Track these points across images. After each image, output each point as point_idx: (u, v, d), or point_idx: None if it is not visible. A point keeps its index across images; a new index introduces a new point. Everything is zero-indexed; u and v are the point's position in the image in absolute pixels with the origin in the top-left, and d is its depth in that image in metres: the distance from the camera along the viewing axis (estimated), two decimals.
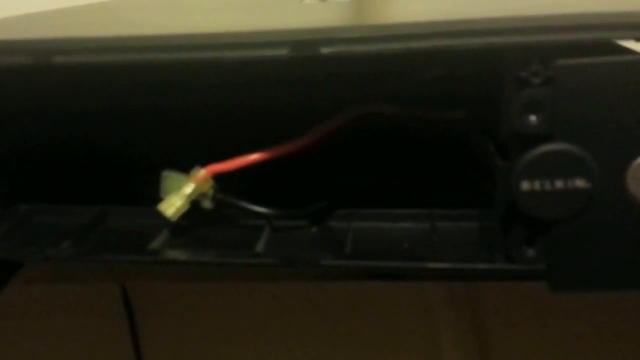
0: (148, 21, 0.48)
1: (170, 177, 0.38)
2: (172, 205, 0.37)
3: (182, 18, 0.48)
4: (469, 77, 0.37)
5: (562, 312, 0.63)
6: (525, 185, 0.30)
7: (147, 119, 0.42)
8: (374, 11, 0.47)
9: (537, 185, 0.30)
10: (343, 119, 0.39)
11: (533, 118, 0.30)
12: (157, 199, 0.38)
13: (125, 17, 0.52)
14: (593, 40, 0.30)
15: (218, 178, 0.38)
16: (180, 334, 0.71)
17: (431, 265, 0.35)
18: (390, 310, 0.65)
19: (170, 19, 0.49)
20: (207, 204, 0.38)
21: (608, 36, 0.30)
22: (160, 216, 0.37)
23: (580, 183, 0.30)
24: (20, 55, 0.32)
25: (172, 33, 0.33)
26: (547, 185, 0.30)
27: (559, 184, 0.30)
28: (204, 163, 0.38)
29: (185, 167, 0.38)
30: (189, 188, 0.37)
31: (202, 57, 0.31)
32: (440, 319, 0.65)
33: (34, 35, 0.37)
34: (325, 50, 0.30)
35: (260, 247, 0.37)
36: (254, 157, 0.38)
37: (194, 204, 0.38)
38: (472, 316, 0.65)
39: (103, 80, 0.38)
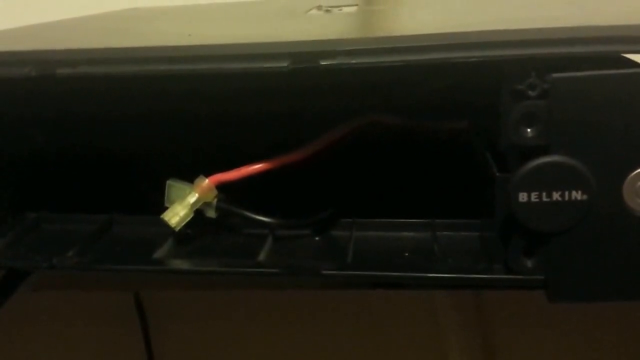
0: (153, 32, 0.49)
1: (174, 186, 0.39)
2: (176, 214, 0.38)
3: (188, 29, 0.48)
4: (470, 88, 0.37)
5: (568, 317, 0.63)
6: (522, 197, 0.30)
7: (152, 128, 0.42)
8: (376, 23, 0.47)
9: (534, 197, 0.30)
10: (345, 129, 0.39)
11: (529, 130, 0.30)
12: (164, 206, 0.38)
13: (129, 28, 0.52)
14: (590, 53, 0.30)
15: (222, 187, 0.38)
16: (193, 341, 0.71)
17: (431, 275, 0.35)
18: (397, 315, 0.66)
19: (175, 30, 0.49)
20: (211, 213, 0.39)
21: (604, 49, 0.30)
22: (165, 225, 0.38)
23: (576, 195, 0.30)
24: (24, 66, 0.33)
25: (175, 45, 0.34)
26: (544, 197, 0.30)
27: (556, 195, 0.30)
28: (208, 172, 0.38)
29: (190, 176, 0.38)
30: (193, 197, 0.38)
31: (204, 68, 0.32)
32: (446, 323, 0.66)
33: (38, 46, 0.37)
34: (324, 62, 0.31)
35: (262, 256, 0.38)
36: (257, 167, 0.38)
37: (199, 213, 0.38)
38: (478, 321, 0.65)
39: (108, 90, 0.39)
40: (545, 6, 0.46)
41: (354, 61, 0.31)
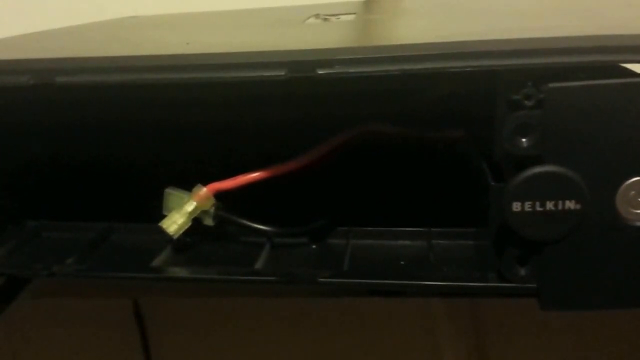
0: (152, 40, 0.49)
1: (172, 194, 0.39)
2: (174, 222, 0.38)
3: (186, 37, 0.49)
4: (467, 97, 0.37)
5: (563, 326, 0.64)
6: (516, 206, 0.31)
7: (151, 136, 0.43)
8: (373, 32, 0.47)
9: (528, 206, 0.31)
10: (343, 137, 0.39)
11: (524, 140, 0.30)
12: (162, 214, 0.39)
13: (128, 36, 0.52)
14: (586, 63, 0.30)
15: (219, 196, 0.39)
16: (191, 348, 0.71)
17: (426, 283, 0.35)
18: (392, 323, 0.66)
19: (174, 38, 0.50)
20: (208, 221, 0.39)
21: (600, 59, 0.30)
22: (163, 232, 0.38)
23: (570, 204, 0.30)
24: (23, 75, 0.33)
25: (173, 53, 0.34)
26: (538, 207, 0.31)
27: (549, 205, 0.30)
28: (206, 180, 0.38)
29: (188, 184, 0.39)
30: (190, 206, 0.38)
31: (202, 77, 0.32)
32: (442, 332, 0.66)
33: (37, 55, 0.37)
34: (321, 71, 0.31)
35: (259, 264, 0.38)
36: (255, 175, 0.38)
37: (196, 221, 0.39)
38: (473, 330, 0.66)
39: (106, 99, 0.39)
40: (541, 16, 0.46)
41: (351, 70, 0.31)
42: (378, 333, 0.67)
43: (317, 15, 0.54)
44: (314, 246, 0.41)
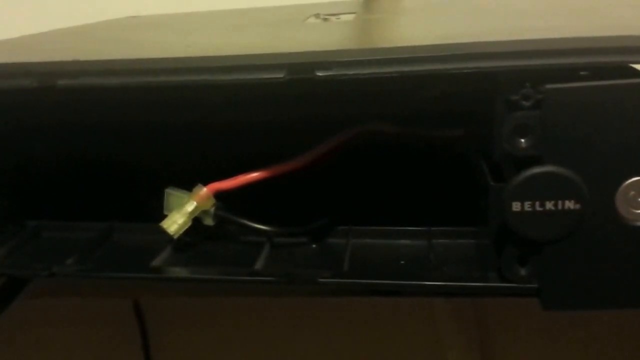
0: (153, 42, 0.49)
1: (173, 194, 0.39)
2: (175, 222, 0.38)
3: (187, 39, 0.49)
4: (466, 97, 0.37)
5: (567, 323, 0.64)
6: (516, 206, 0.31)
7: (151, 137, 0.43)
8: (373, 33, 0.48)
9: (527, 206, 0.31)
10: (342, 137, 0.39)
11: (523, 141, 0.30)
12: (163, 214, 0.39)
13: (130, 38, 0.52)
14: (583, 64, 0.30)
15: (219, 196, 0.39)
16: (192, 347, 0.71)
17: (426, 283, 0.35)
18: (394, 323, 0.66)
19: (174, 40, 0.50)
20: (208, 221, 0.39)
21: (598, 60, 0.30)
22: (164, 232, 0.38)
23: (570, 204, 0.30)
24: (26, 78, 0.33)
25: (174, 57, 0.34)
26: (538, 207, 0.31)
27: (549, 205, 0.31)
28: (206, 180, 0.38)
29: (188, 184, 0.39)
30: (191, 206, 0.38)
31: (202, 79, 0.32)
32: (445, 330, 0.66)
33: (40, 57, 0.38)
34: (320, 73, 0.31)
35: (259, 264, 0.38)
36: (255, 175, 0.38)
37: (197, 221, 0.39)
38: (477, 327, 0.66)
39: (108, 101, 0.39)
40: (540, 16, 0.46)
41: (350, 72, 0.31)
42: (378, 333, 0.67)
43: (317, 15, 0.54)
44: (314, 246, 0.41)
